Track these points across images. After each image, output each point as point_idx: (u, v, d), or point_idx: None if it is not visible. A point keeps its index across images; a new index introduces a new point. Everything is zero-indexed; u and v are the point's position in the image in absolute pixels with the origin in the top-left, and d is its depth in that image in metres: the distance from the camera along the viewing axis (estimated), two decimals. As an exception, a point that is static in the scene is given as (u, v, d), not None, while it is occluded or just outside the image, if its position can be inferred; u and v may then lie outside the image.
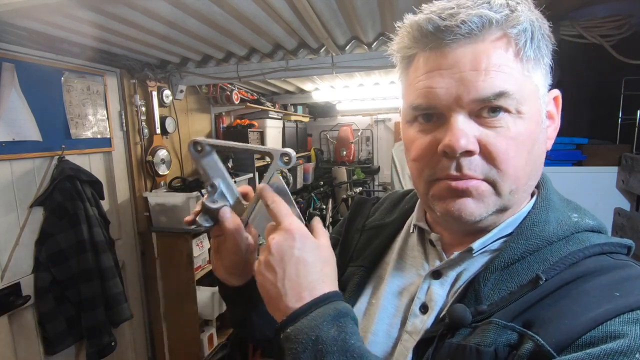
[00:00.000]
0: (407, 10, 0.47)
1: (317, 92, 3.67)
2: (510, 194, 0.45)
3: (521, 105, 0.42)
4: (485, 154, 0.43)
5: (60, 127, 1.78)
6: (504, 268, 0.45)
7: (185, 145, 2.70)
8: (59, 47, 1.67)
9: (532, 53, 0.42)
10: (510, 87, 0.41)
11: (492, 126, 0.43)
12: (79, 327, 1.74)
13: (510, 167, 0.43)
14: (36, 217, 1.67)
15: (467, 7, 0.41)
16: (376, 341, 0.52)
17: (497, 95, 0.41)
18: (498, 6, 0.41)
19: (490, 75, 0.41)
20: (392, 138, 5.16)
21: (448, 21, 0.41)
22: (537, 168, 0.47)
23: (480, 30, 0.41)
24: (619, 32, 1.38)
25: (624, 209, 1.49)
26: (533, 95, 0.44)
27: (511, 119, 0.42)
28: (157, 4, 1.31)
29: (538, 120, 0.44)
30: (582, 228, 0.46)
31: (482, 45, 0.42)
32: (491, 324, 0.41)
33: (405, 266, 0.57)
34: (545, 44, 0.44)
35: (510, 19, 0.41)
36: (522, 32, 0.41)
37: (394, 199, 0.70)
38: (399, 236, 0.61)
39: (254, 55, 2.08)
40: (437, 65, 0.43)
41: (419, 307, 0.50)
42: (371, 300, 0.57)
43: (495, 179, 0.43)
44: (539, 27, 0.43)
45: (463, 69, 0.42)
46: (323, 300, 0.42)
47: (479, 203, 0.44)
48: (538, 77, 0.44)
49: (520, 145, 0.43)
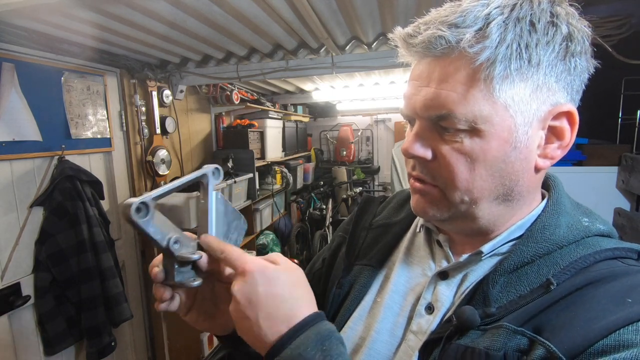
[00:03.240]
0: (407, 10, 0.48)
1: (317, 92, 3.67)
2: (464, 203, 0.46)
3: (477, 124, 0.42)
4: (438, 163, 0.46)
5: (60, 127, 1.78)
6: (513, 271, 0.45)
7: (185, 145, 2.70)
8: (59, 47, 1.67)
9: (494, 71, 0.40)
10: (457, 108, 0.41)
11: (447, 140, 0.44)
12: (79, 327, 1.74)
13: (457, 180, 0.44)
14: (36, 217, 1.67)
15: (436, 24, 0.42)
16: (380, 339, 0.52)
17: (441, 117, 0.43)
18: (471, 20, 0.40)
19: (439, 95, 0.42)
20: (392, 138, 5.16)
21: (412, 39, 0.44)
22: (507, 185, 0.45)
23: (440, 49, 0.42)
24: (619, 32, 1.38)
25: (624, 209, 1.49)
26: (497, 114, 0.41)
27: (467, 135, 0.43)
28: (157, 4, 1.31)
29: (506, 139, 0.42)
30: (592, 232, 0.46)
31: (441, 62, 0.43)
32: (501, 328, 0.40)
33: (411, 266, 0.57)
34: (527, 57, 0.40)
35: (467, 38, 0.40)
36: (482, 50, 0.39)
37: (401, 198, 0.70)
38: (406, 236, 0.61)
39: (254, 55, 2.08)
40: (414, 76, 0.47)
41: (424, 307, 0.50)
42: (376, 299, 0.57)
43: (444, 187, 0.46)
44: (517, 39, 0.39)
45: (422, 83, 0.45)
46: (303, 326, 0.42)
47: (432, 205, 0.48)
48: (510, 93, 0.41)
49: (474, 162, 0.43)
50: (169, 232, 0.45)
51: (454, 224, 0.50)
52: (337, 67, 2.05)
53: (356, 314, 0.57)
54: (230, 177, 2.68)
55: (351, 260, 0.64)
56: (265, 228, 3.55)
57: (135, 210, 0.41)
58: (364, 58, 1.99)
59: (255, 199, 3.11)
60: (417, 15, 0.46)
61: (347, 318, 0.57)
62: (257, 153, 3.21)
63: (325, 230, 4.24)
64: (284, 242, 3.97)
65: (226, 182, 2.60)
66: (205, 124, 3.02)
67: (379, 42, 1.88)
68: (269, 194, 3.50)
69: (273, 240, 3.61)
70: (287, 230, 4.04)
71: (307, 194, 4.61)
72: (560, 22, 0.41)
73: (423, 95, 0.44)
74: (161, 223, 0.44)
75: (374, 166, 5.28)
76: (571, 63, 0.42)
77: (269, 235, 3.58)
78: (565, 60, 0.42)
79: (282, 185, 3.78)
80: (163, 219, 0.45)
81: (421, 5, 1.40)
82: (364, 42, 1.87)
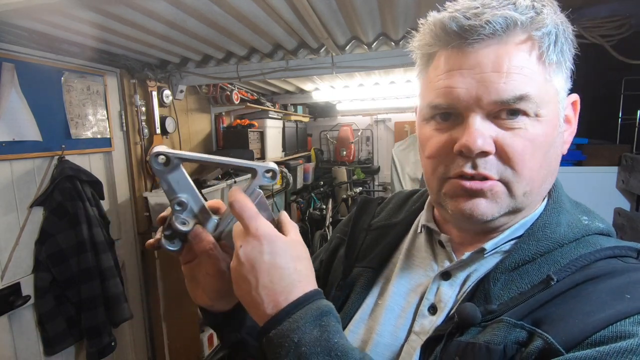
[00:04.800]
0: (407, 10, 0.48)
1: (317, 92, 3.67)
2: (524, 195, 0.45)
3: (540, 109, 0.42)
4: (502, 154, 0.43)
5: (60, 127, 1.78)
6: (515, 269, 0.45)
7: (185, 145, 2.70)
8: (59, 47, 1.67)
9: (555, 57, 0.42)
10: (530, 90, 0.41)
11: (510, 127, 0.43)
12: (79, 327, 1.74)
13: (525, 169, 0.43)
14: (36, 217, 1.67)
15: (492, 7, 0.41)
16: (382, 342, 0.52)
17: (518, 99, 0.41)
18: (524, 7, 0.41)
19: (511, 78, 0.41)
20: (392, 138, 5.16)
21: (472, 20, 0.41)
22: (552, 171, 0.47)
23: (504, 32, 0.41)
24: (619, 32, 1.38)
25: (624, 209, 1.49)
26: (553, 99, 0.44)
27: (529, 121, 0.42)
28: (157, 4, 1.31)
29: (556, 124, 0.44)
30: (592, 231, 0.47)
31: (505, 46, 0.41)
32: (501, 323, 0.41)
33: (412, 267, 0.56)
34: (568, 48, 0.44)
35: (535, 21, 0.41)
36: (546, 35, 0.41)
37: (399, 199, 0.70)
38: (406, 237, 0.61)
39: (254, 55, 2.08)
40: (459, 65, 0.43)
41: (427, 308, 0.50)
42: (377, 301, 0.56)
43: (510, 179, 0.44)
44: (563, 30, 0.43)
45: (485, 69, 0.42)
46: (303, 302, 0.42)
47: (492, 203, 0.45)
48: (559, 81, 0.44)
49: (537, 148, 0.43)
50: (182, 192, 0.46)
51: (495, 222, 0.47)
52: (337, 67, 2.05)
53: (357, 317, 0.56)
54: (230, 177, 2.68)
55: (351, 263, 0.63)
56: (265, 228, 3.55)
57: (154, 156, 0.43)
58: (364, 58, 1.99)
59: (255, 199, 3.11)
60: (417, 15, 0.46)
61: (348, 321, 0.57)
62: (257, 153, 3.21)
63: (325, 230, 4.24)
64: (284, 242, 3.97)
65: (226, 182, 2.60)
66: (205, 124, 3.02)
67: (379, 42, 1.88)
68: (269, 194, 3.50)
69: (273, 240, 3.61)
70: (287, 230, 4.04)
71: (307, 194, 4.61)
72: (569, 23, 0.45)
73: (489, 80, 0.41)
74: (179, 181, 0.45)
75: (374, 166, 5.28)
76: (571, 53, 0.46)
77: (269, 235, 3.58)
78: (571, 53, 0.45)
79: (282, 185, 3.78)
80: (185, 179, 0.46)
81: (421, 5, 1.40)
82: (364, 42, 1.87)
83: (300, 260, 0.44)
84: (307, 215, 4.36)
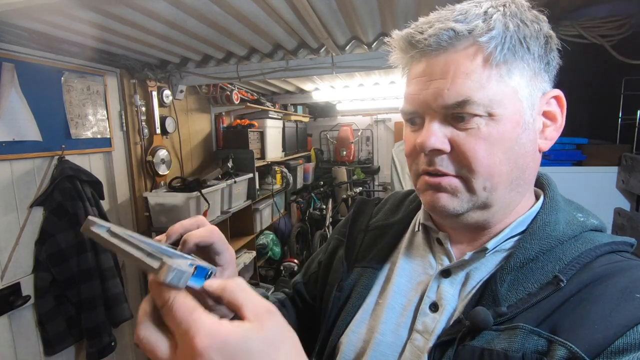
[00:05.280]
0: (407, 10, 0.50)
1: (317, 92, 3.67)
2: (486, 190, 0.47)
3: (492, 109, 0.44)
4: (457, 152, 0.46)
5: (60, 127, 1.78)
6: (519, 268, 0.46)
7: (185, 145, 2.70)
8: (59, 47, 1.67)
9: (503, 57, 0.44)
10: (475, 94, 0.44)
11: (464, 128, 0.46)
12: (79, 327, 1.74)
13: (480, 166, 0.46)
14: (36, 217, 1.67)
15: (441, 21, 0.45)
16: (384, 341, 0.52)
17: (460, 104, 0.44)
18: (473, 16, 0.44)
19: (455, 83, 0.44)
20: (392, 138, 5.16)
21: (421, 35, 0.46)
22: (520, 167, 0.48)
23: (449, 42, 0.45)
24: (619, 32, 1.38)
25: (624, 209, 1.49)
26: (510, 98, 0.45)
27: (483, 121, 0.45)
28: (157, 4, 1.31)
29: (517, 121, 0.46)
30: (588, 227, 0.49)
31: (452, 54, 0.45)
32: (517, 329, 0.41)
33: (412, 265, 0.57)
34: (526, 46, 0.45)
35: (479, 27, 0.44)
36: (492, 39, 0.43)
37: (396, 199, 0.71)
38: (405, 236, 0.62)
39: (254, 55, 2.08)
40: (418, 73, 0.48)
41: (428, 306, 0.51)
42: (378, 300, 0.57)
43: (467, 176, 0.47)
44: (516, 30, 0.44)
45: (434, 77, 0.46)
46: None
47: (453, 198, 0.48)
48: (517, 79, 0.45)
49: (492, 146, 0.45)
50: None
51: (467, 217, 0.50)
52: (337, 67, 2.06)
53: (358, 316, 0.57)
54: (230, 177, 2.68)
55: (350, 263, 0.64)
56: (265, 228, 3.55)
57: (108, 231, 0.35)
58: (364, 58, 1.99)
59: (255, 199, 3.11)
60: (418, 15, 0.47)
61: (349, 321, 0.57)
62: (257, 153, 3.21)
63: (325, 230, 4.24)
64: (284, 242, 3.97)
65: (226, 182, 2.60)
66: (205, 124, 3.02)
67: (379, 42, 1.88)
68: (269, 194, 3.50)
69: (273, 240, 3.61)
70: (287, 230, 4.04)
71: (307, 194, 4.61)
72: (540, 21, 0.47)
73: (437, 87, 0.46)
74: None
75: (374, 166, 5.28)
76: (551, 56, 0.48)
77: (269, 235, 3.59)
78: (547, 54, 0.47)
79: (282, 185, 3.78)
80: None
81: (421, 5, 1.40)
82: (364, 42, 1.87)
83: (275, 349, 0.30)
84: (307, 215, 4.36)
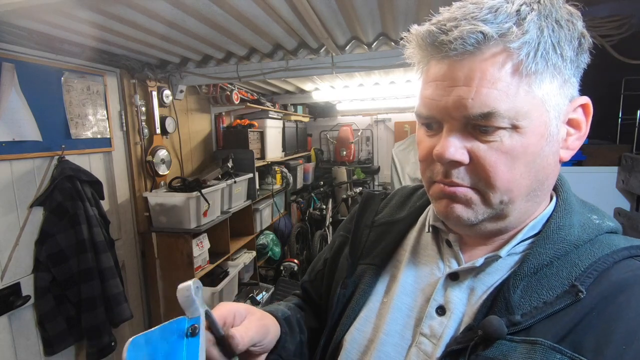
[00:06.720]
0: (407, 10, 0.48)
1: (317, 92, 3.67)
2: (502, 204, 0.45)
3: (518, 121, 0.41)
4: (477, 165, 0.43)
5: (60, 127, 1.78)
6: (533, 274, 0.44)
7: (185, 145, 2.70)
8: (59, 47, 1.67)
9: (535, 66, 0.40)
10: (501, 105, 0.40)
11: (485, 140, 0.43)
12: (79, 327, 1.74)
13: (498, 180, 0.43)
14: (36, 217, 1.67)
15: (468, 20, 0.40)
16: (389, 342, 0.51)
17: (485, 115, 0.41)
18: (504, 16, 0.40)
19: (480, 93, 0.40)
20: (392, 138, 5.16)
21: (444, 36, 0.41)
22: (540, 179, 0.45)
23: (476, 46, 0.40)
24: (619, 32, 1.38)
25: (624, 209, 1.49)
26: (537, 109, 0.42)
27: (507, 133, 0.42)
28: (157, 4, 1.31)
29: (542, 133, 0.43)
30: (603, 230, 0.47)
31: (478, 60, 0.41)
32: (537, 344, 0.39)
33: (419, 265, 0.56)
34: (560, 52, 0.41)
35: (511, 32, 0.39)
36: (524, 45, 0.39)
37: (403, 195, 0.69)
38: (411, 233, 0.60)
39: (254, 55, 2.08)
40: (438, 76, 0.44)
41: (435, 309, 0.49)
42: (383, 300, 0.56)
43: (484, 190, 0.44)
44: (550, 35, 0.40)
45: (457, 83, 0.42)
46: None
47: (468, 209, 0.46)
48: (545, 89, 0.42)
49: (514, 159, 0.42)
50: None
51: (482, 227, 0.47)
52: (337, 67, 2.05)
53: (363, 314, 0.56)
54: (230, 177, 2.68)
55: (355, 260, 0.63)
56: (265, 228, 3.55)
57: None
58: (364, 58, 1.99)
59: (255, 199, 3.11)
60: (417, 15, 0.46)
61: (354, 319, 0.56)
62: (257, 153, 3.21)
63: (325, 230, 4.24)
64: (284, 242, 3.97)
65: (226, 182, 2.59)
66: (205, 124, 3.02)
67: (379, 42, 1.88)
68: (269, 194, 3.50)
69: (273, 240, 3.61)
70: (287, 230, 4.04)
71: (307, 194, 4.61)
72: (575, 19, 0.42)
73: (459, 95, 0.41)
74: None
75: (374, 166, 5.27)
76: (581, 58, 0.44)
77: (269, 235, 3.59)
78: (578, 56, 0.43)
79: (282, 185, 3.78)
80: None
81: (421, 5, 1.40)
82: (364, 42, 1.87)
83: None
84: (307, 215, 4.36)
